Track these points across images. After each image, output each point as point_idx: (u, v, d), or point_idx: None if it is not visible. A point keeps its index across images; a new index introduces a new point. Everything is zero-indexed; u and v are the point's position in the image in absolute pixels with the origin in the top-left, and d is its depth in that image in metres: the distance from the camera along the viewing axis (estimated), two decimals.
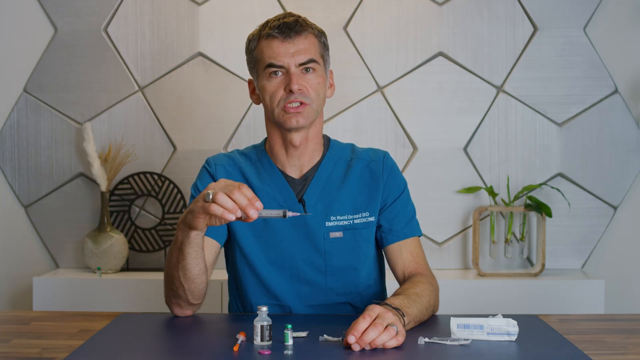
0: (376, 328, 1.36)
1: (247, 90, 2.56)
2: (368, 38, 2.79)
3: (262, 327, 1.39)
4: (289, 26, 1.67)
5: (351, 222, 1.73)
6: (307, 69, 1.68)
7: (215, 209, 1.39)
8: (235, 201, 1.39)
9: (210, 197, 1.40)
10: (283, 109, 1.67)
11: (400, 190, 1.78)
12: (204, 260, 1.60)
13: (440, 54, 2.79)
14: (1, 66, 2.82)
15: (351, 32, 2.79)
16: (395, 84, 2.80)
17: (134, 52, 2.80)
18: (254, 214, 1.39)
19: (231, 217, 1.39)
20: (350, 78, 2.78)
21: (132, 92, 2.81)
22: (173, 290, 1.63)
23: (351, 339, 1.35)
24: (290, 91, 1.65)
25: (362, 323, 1.37)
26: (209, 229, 1.68)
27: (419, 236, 1.79)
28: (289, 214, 1.44)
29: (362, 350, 1.36)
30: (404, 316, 1.47)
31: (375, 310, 1.39)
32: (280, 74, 1.67)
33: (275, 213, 1.44)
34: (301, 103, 1.67)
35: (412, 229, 1.77)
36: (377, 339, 1.36)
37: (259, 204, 1.40)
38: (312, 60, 1.68)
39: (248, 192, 1.40)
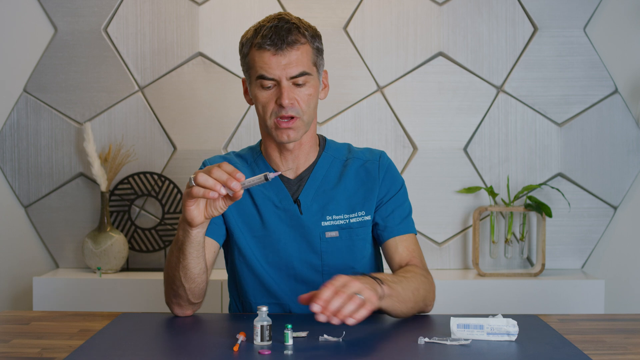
0: (339, 297, 1.34)
1: None
2: (368, 38, 2.79)
3: (262, 327, 1.39)
4: (281, 37, 1.63)
5: (347, 221, 1.73)
6: (298, 81, 1.67)
7: (196, 190, 1.40)
8: (215, 179, 1.40)
9: (192, 181, 1.41)
10: (275, 122, 1.67)
11: (397, 188, 1.78)
12: (204, 259, 1.60)
13: (440, 54, 2.79)
14: (1, 66, 2.82)
15: (351, 32, 2.79)
16: (395, 84, 2.80)
17: (134, 52, 2.80)
18: (235, 186, 1.39)
19: (214, 195, 1.39)
20: (350, 78, 2.78)
21: (132, 92, 2.81)
22: (174, 290, 1.63)
23: (316, 308, 1.33)
24: (281, 105, 1.65)
25: (325, 292, 1.34)
26: (207, 229, 1.68)
27: (414, 234, 1.79)
28: (270, 175, 1.43)
29: (360, 348, 1.35)
30: (383, 284, 1.46)
31: (340, 279, 1.38)
32: (271, 85, 1.66)
33: (257, 179, 1.44)
34: (292, 117, 1.66)
35: (406, 226, 1.77)
36: (344, 309, 1.34)
37: (239, 175, 1.39)
38: (303, 73, 1.66)
39: (228, 167, 1.41)
